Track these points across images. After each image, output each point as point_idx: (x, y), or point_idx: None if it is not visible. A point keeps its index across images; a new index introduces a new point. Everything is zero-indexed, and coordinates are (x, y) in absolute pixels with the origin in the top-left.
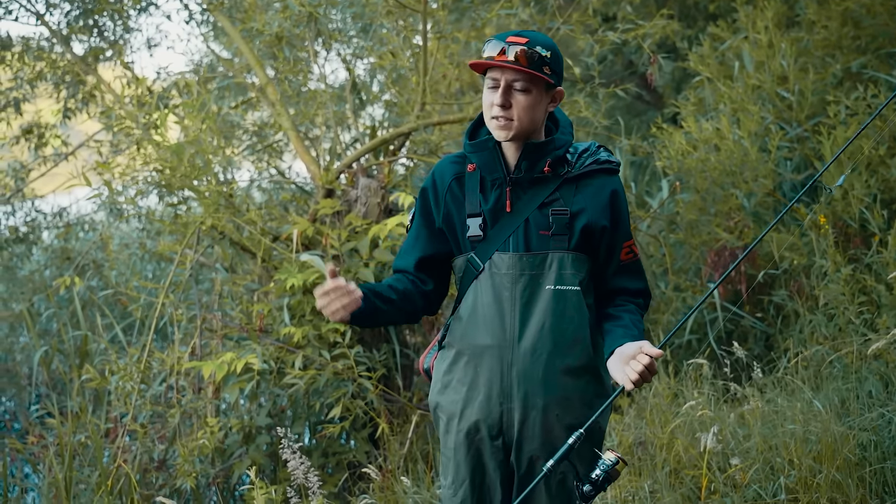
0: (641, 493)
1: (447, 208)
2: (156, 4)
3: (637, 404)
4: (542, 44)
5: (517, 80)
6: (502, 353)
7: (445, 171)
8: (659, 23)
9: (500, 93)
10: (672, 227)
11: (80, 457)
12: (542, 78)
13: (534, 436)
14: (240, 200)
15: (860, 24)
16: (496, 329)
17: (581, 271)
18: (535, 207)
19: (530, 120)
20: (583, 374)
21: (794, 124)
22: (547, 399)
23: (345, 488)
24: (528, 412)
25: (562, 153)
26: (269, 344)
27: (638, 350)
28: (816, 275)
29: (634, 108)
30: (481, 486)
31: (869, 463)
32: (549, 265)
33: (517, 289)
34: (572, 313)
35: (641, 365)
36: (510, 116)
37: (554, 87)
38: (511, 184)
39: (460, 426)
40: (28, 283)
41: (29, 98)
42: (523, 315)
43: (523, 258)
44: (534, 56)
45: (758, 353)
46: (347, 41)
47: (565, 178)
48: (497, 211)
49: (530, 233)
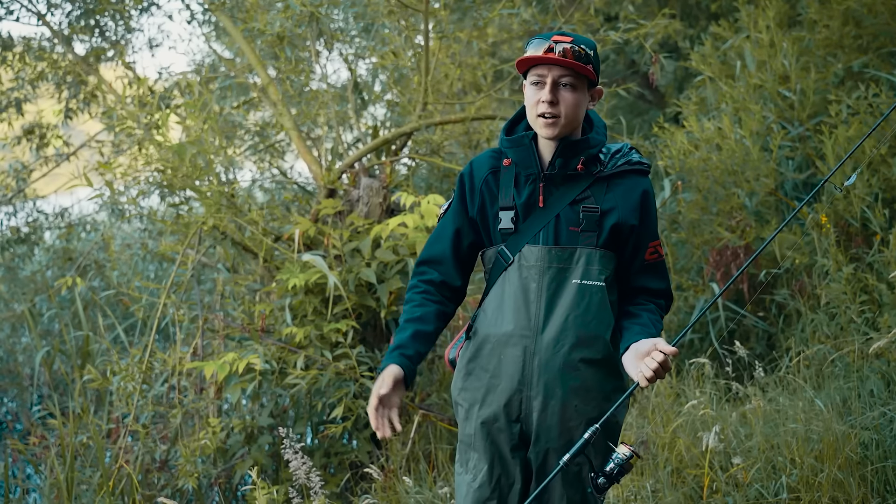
0: (643, 492)
1: (482, 200)
2: (157, 4)
3: (639, 403)
4: (586, 43)
5: (564, 76)
6: (526, 342)
7: (483, 164)
8: (661, 22)
9: (548, 89)
10: (674, 226)
11: (81, 457)
12: (588, 74)
13: (551, 426)
14: (242, 200)
15: (862, 24)
16: (521, 319)
17: (607, 268)
18: (566, 203)
19: (575, 116)
20: (602, 367)
21: (795, 123)
22: (566, 389)
23: (347, 488)
24: (547, 401)
25: (595, 152)
26: (271, 344)
27: (652, 347)
28: (818, 274)
29: (636, 108)
30: (500, 471)
31: (871, 462)
32: (576, 260)
33: (544, 281)
34: (596, 308)
35: (656, 362)
36: (557, 113)
37: (594, 85)
38: (544, 179)
39: (481, 412)
40: (30, 283)
41: (30, 98)
42: (548, 306)
43: (552, 251)
44: (580, 53)
45: (760, 353)
46: (349, 41)
47: (597, 177)
48: (530, 205)
49: (560, 228)
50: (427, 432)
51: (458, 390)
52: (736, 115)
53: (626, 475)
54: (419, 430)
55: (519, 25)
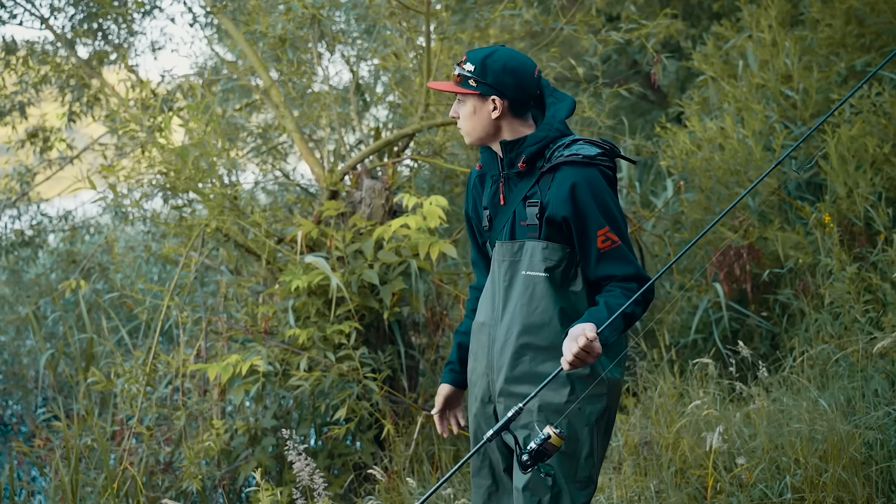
0: (647, 492)
1: (474, 201)
2: (160, 8)
3: (643, 404)
4: (472, 59)
5: (457, 96)
6: (490, 330)
7: (474, 171)
8: (663, 22)
9: (453, 107)
10: (677, 226)
11: (86, 459)
12: (466, 92)
13: (507, 408)
14: (244, 202)
15: (864, 23)
16: (489, 308)
17: (550, 259)
18: (520, 200)
19: (472, 127)
20: (548, 353)
21: (798, 123)
22: (515, 374)
23: (350, 490)
24: (504, 384)
25: (535, 149)
26: (274, 346)
27: (581, 332)
28: (822, 273)
29: (638, 108)
30: (486, 447)
31: (875, 462)
32: (524, 252)
33: (501, 273)
34: (539, 297)
35: (577, 346)
36: (461, 126)
37: (486, 96)
38: (503, 179)
39: (470, 392)
40: (34, 286)
41: (34, 102)
42: (505, 297)
43: (505, 245)
44: (460, 76)
45: (763, 353)
46: (351, 43)
47: (542, 173)
48: (496, 204)
49: (515, 223)
50: (430, 433)
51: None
52: (738, 115)
53: (550, 456)
54: (422, 432)
55: (521, 26)
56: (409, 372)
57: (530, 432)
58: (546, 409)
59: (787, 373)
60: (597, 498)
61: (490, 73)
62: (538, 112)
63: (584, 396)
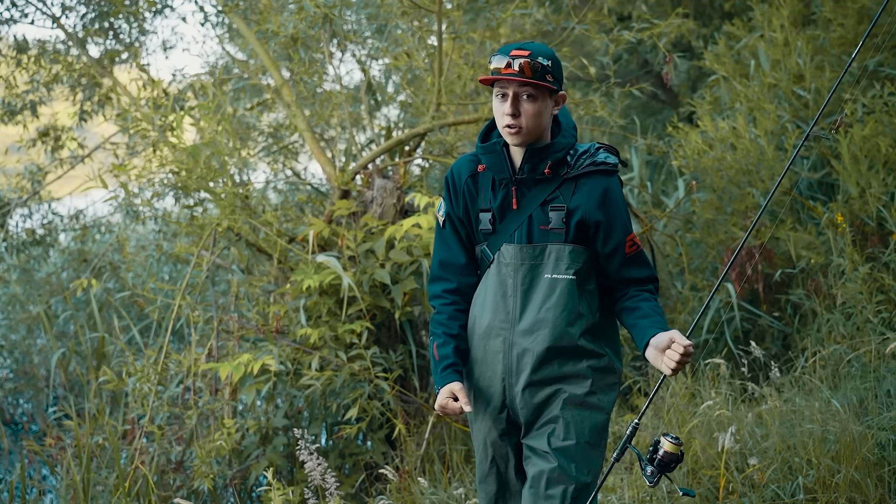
0: (659, 492)
1: (464, 202)
2: (171, 7)
3: (654, 404)
4: (543, 54)
5: (523, 89)
6: (505, 334)
7: (463, 168)
8: (674, 21)
9: (510, 103)
10: (688, 226)
11: (97, 458)
12: (546, 86)
13: (532, 412)
14: (256, 202)
15: (877, 22)
16: (500, 313)
17: (577, 262)
18: (537, 205)
19: (537, 125)
20: (577, 353)
21: (810, 122)
22: (541, 377)
23: (362, 489)
24: (525, 389)
25: (561, 156)
26: (286, 345)
27: (670, 340)
28: (834, 273)
29: (650, 108)
30: (493, 452)
31: (888, 462)
32: (547, 256)
33: (519, 276)
34: (566, 299)
35: (678, 354)
36: (520, 124)
37: (556, 92)
38: (516, 183)
39: (476, 399)
40: (45, 285)
41: (45, 101)
42: (524, 300)
43: (525, 249)
44: (537, 67)
45: (775, 353)
46: (362, 42)
47: (564, 179)
48: (505, 207)
49: (532, 227)
50: (442, 433)
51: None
52: (750, 115)
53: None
54: (434, 431)
55: (532, 26)
56: (421, 371)
57: (555, 426)
58: (571, 402)
59: (799, 373)
60: (608, 498)
61: (559, 69)
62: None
63: (602, 389)
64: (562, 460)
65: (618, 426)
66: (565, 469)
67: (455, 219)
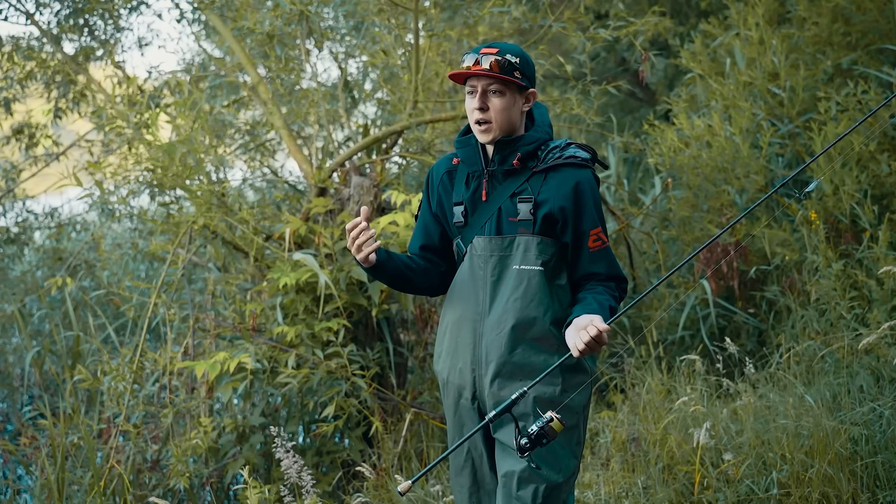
0: (635, 489)
1: (439, 197)
2: (147, 3)
3: (630, 401)
4: (512, 52)
5: (491, 85)
6: (475, 325)
7: (441, 165)
8: (651, 20)
9: (478, 97)
10: (665, 223)
11: (72, 458)
12: (514, 81)
13: (498, 402)
14: (232, 199)
15: (850, 21)
16: (470, 303)
17: (545, 253)
18: (507, 197)
19: (506, 120)
20: (545, 345)
21: (785, 120)
22: (509, 367)
23: (339, 487)
24: (494, 379)
25: (531, 149)
26: (263, 343)
27: (589, 322)
28: (808, 270)
29: (627, 106)
30: (469, 446)
31: (860, 457)
32: (516, 247)
33: (488, 268)
34: (535, 290)
35: (589, 335)
36: (488, 119)
37: (526, 88)
38: (487, 175)
39: (447, 391)
40: (20, 283)
41: (19, 98)
42: (493, 291)
43: (493, 240)
44: (504, 63)
45: (750, 349)
46: (339, 39)
47: (534, 171)
48: (476, 200)
49: (502, 219)
50: (419, 431)
51: (436, 371)
52: (726, 113)
53: (549, 440)
54: (411, 429)
55: (509, 23)
56: (398, 369)
57: (525, 423)
58: (540, 401)
59: (773, 369)
60: (584, 494)
61: (529, 67)
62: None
63: (573, 387)
64: (530, 460)
65: (594, 423)
66: (534, 469)
67: (431, 214)
